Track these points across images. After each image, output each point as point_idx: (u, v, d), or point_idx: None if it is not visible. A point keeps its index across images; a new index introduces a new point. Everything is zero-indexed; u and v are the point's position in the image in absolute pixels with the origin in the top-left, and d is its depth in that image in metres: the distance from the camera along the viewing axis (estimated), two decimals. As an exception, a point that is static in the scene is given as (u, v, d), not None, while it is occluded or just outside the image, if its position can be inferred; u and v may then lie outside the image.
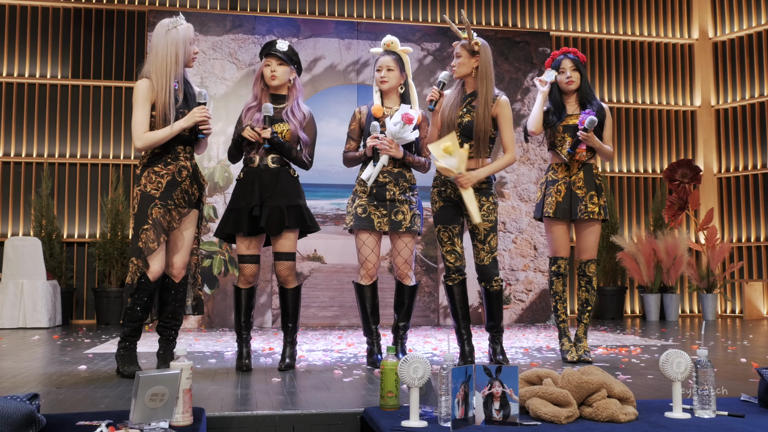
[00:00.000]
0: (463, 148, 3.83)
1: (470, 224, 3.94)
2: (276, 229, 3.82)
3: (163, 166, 3.61)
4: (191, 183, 3.68)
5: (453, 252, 3.96)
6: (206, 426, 2.55)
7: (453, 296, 4.00)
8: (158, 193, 3.57)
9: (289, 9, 8.16)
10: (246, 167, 3.93)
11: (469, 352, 3.99)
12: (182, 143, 3.67)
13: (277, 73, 3.89)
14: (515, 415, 2.38)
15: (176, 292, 3.70)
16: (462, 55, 3.94)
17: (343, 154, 4.17)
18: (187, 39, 3.65)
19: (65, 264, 7.63)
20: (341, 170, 7.01)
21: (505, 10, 8.73)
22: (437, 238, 4.01)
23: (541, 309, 7.86)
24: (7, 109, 7.76)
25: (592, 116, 4.07)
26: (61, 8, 7.92)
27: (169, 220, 3.59)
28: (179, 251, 3.68)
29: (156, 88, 3.56)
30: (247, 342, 3.93)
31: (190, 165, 3.69)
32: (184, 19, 3.71)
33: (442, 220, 3.98)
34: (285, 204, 3.83)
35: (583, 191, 4.20)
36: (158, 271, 3.58)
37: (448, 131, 3.90)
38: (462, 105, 3.95)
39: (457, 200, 3.94)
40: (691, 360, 2.58)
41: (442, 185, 3.98)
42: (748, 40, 8.97)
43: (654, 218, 8.68)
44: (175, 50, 3.58)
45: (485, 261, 3.95)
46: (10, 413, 2.10)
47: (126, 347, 3.62)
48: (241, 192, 3.88)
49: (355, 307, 6.95)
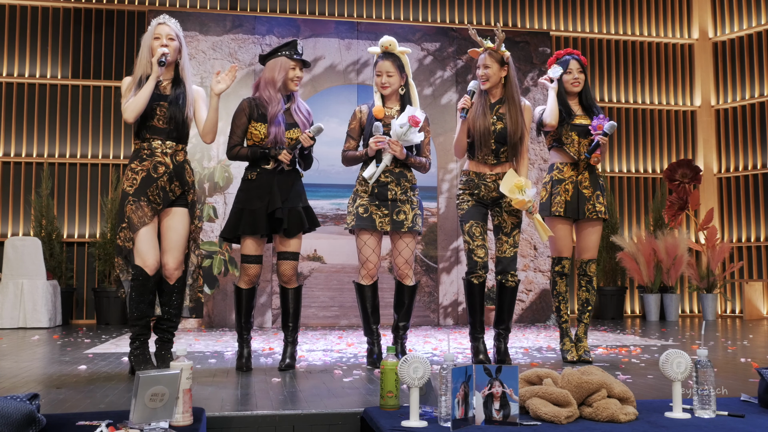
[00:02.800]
0: (521, 177, 4.03)
1: (497, 220, 4.09)
2: (296, 230, 3.85)
3: (138, 162, 3.63)
4: (170, 180, 3.63)
5: (483, 247, 4.04)
6: (206, 426, 2.55)
7: (475, 294, 4.05)
8: (132, 189, 3.59)
9: (289, 9, 8.16)
10: (259, 168, 3.88)
11: (483, 349, 4.04)
12: (161, 138, 3.65)
13: (301, 78, 3.93)
14: (515, 415, 2.38)
15: (170, 293, 3.67)
16: (491, 66, 4.04)
17: (342, 153, 4.17)
18: (150, 36, 3.68)
19: (65, 264, 7.63)
20: (341, 170, 7.01)
21: (505, 10, 8.73)
22: (468, 233, 4.05)
23: (541, 309, 7.86)
24: (7, 109, 7.77)
25: (612, 122, 4.18)
26: (61, 8, 7.92)
27: (140, 216, 3.56)
28: (170, 251, 3.64)
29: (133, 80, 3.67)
30: (248, 342, 3.92)
31: (171, 162, 3.64)
32: (165, 17, 3.75)
33: (474, 216, 4.05)
34: (301, 205, 3.87)
35: (590, 191, 4.24)
36: (154, 265, 3.57)
37: (483, 139, 4.02)
38: (492, 113, 4.06)
39: (489, 202, 4.07)
40: (691, 360, 2.58)
41: (475, 188, 4.06)
42: (748, 40, 8.97)
43: (654, 218, 8.68)
44: (141, 49, 3.70)
45: (507, 253, 4.06)
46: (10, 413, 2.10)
47: (138, 347, 3.63)
48: (256, 193, 3.83)
49: (355, 307, 6.95)
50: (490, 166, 4.05)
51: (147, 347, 3.65)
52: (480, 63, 4.06)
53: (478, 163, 4.09)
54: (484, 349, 4.06)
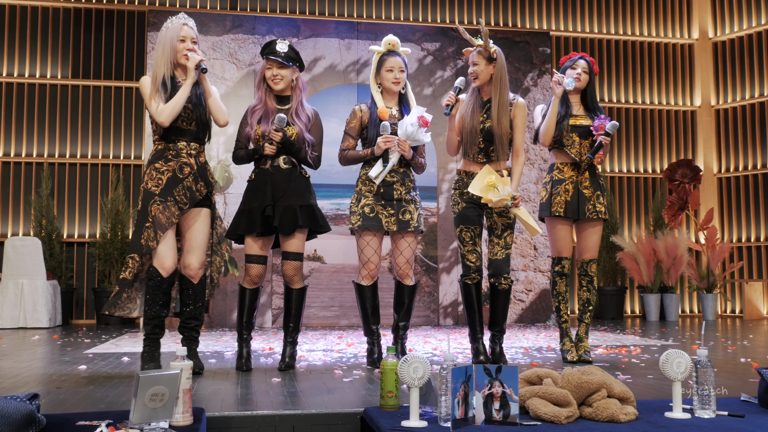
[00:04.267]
0: (497, 174, 3.94)
1: (488, 221, 4.07)
2: (289, 228, 3.84)
3: (163, 162, 3.64)
4: (195, 180, 3.67)
5: (474, 252, 4.05)
6: (206, 426, 2.55)
7: (471, 294, 4.08)
8: (158, 189, 3.60)
9: (289, 9, 8.16)
10: (257, 168, 3.93)
11: (483, 350, 4.04)
12: (186, 139, 3.68)
13: (280, 76, 3.89)
14: (515, 415, 2.38)
15: (195, 292, 3.71)
16: (479, 63, 4.02)
17: (340, 152, 4.13)
18: (175, 36, 3.67)
19: (65, 264, 7.63)
20: (341, 170, 7.01)
21: (505, 10, 8.73)
22: (458, 238, 4.07)
23: (541, 309, 7.86)
24: (7, 109, 7.76)
25: (614, 122, 4.15)
26: (61, 8, 7.92)
27: (168, 216, 3.58)
28: (193, 251, 3.69)
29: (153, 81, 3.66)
30: (248, 342, 3.93)
31: (195, 162, 3.68)
32: (185, 17, 3.74)
33: (465, 220, 4.05)
34: (297, 203, 3.85)
35: (590, 191, 4.24)
36: (171, 267, 3.59)
37: (471, 137, 4.01)
38: (482, 111, 4.04)
39: (479, 201, 4.01)
40: (691, 360, 2.58)
41: (465, 187, 4.04)
42: (748, 40, 8.97)
43: (654, 218, 8.68)
44: (162, 48, 3.68)
45: (498, 255, 4.05)
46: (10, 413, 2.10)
47: (150, 345, 3.66)
48: (253, 193, 3.89)
49: (355, 307, 6.95)
50: (480, 165, 4.04)
51: (158, 346, 3.69)
52: (470, 61, 4.06)
53: (469, 162, 4.09)
54: (485, 350, 4.06)
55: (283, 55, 3.88)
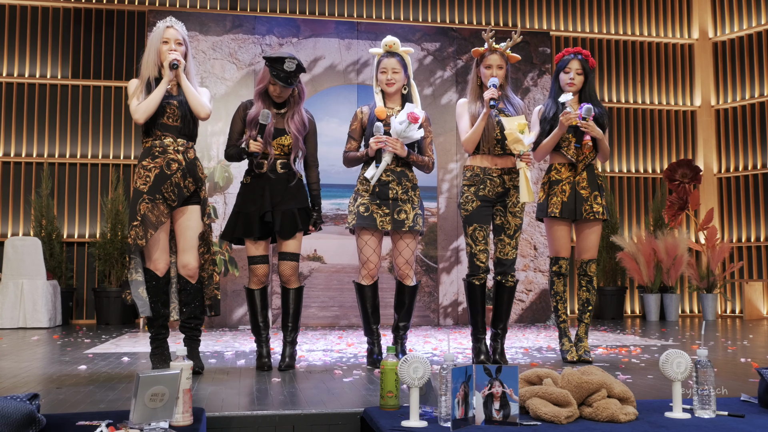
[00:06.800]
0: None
1: (500, 220, 4.09)
2: (289, 232, 3.86)
3: (151, 159, 3.65)
4: (183, 176, 3.66)
5: (485, 251, 4.06)
6: (206, 426, 2.55)
7: (476, 295, 4.09)
8: (146, 187, 3.61)
9: (289, 9, 8.16)
10: (253, 172, 3.93)
11: (485, 350, 4.06)
12: (173, 135, 3.68)
13: (284, 93, 3.88)
14: (515, 415, 2.38)
15: (194, 292, 3.72)
16: (504, 66, 4.13)
17: (343, 154, 4.17)
18: (158, 39, 3.71)
19: (65, 264, 7.63)
20: (341, 170, 7.00)
21: (505, 10, 8.73)
22: (470, 236, 4.07)
23: (541, 309, 7.86)
24: (7, 109, 7.76)
25: (587, 105, 4.11)
26: (61, 8, 7.92)
27: (157, 215, 3.59)
28: (189, 250, 3.69)
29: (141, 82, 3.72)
30: (267, 341, 3.95)
31: (183, 158, 3.68)
32: (171, 19, 3.78)
33: (479, 219, 4.06)
34: (296, 207, 3.87)
35: (587, 191, 4.22)
36: (164, 267, 3.62)
37: (487, 131, 4.05)
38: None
39: (494, 198, 4.05)
40: (691, 360, 2.58)
41: (480, 183, 4.05)
42: (748, 40, 8.97)
43: (654, 218, 8.68)
44: (148, 51, 3.76)
45: (509, 255, 4.09)
46: (10, 413, 2.10)
47: (157, 346, 3.69)
48: (249, 197, 3.88)
49: (355, 307, 6.95)
50: (497, 158, 4.06)
51: (166, 346, 3.72)
52: (493, 63, 4.08)
53: (483, 157, 4.09)
54: (486, 350, 4.07)
55: (289, 81, 3.79)
